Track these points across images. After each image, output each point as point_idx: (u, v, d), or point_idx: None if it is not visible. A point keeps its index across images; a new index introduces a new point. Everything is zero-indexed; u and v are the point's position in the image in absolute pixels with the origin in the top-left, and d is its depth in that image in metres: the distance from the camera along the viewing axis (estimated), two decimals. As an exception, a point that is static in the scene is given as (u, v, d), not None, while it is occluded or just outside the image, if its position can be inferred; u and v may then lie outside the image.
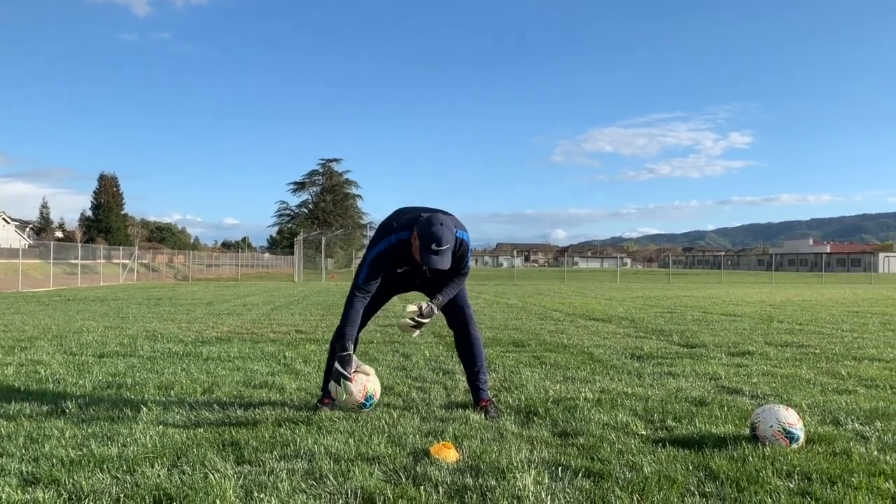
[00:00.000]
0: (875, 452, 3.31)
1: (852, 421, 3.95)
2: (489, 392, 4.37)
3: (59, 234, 78.42)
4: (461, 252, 4.05)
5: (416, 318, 4.03)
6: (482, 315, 11.82)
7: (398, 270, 4.16)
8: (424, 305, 4.04)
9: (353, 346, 3.98)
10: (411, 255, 3.98)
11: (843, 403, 4.44)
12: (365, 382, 3.97)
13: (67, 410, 4.16)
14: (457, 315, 4.36)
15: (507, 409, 4.24)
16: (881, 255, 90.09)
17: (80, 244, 39.20)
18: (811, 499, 2.70)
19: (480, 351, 4.36)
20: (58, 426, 3.78)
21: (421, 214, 3.96)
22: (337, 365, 3.89)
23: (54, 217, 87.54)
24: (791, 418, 3.45)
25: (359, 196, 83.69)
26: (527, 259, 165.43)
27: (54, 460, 3.16)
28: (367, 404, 4.01)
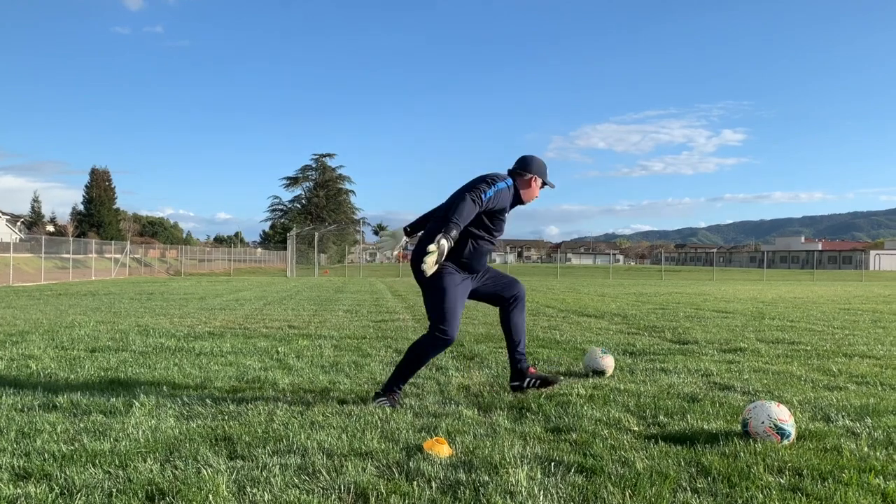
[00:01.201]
0: (865, 449, 3.34)
1: (843, 417, 3.98)
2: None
3: (50, 228, 78.07)
4: None
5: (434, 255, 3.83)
6: (475, 311, 11.83)
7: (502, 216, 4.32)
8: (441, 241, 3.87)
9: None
10: (514, 199, 4.36)
11: (834, 400, 4.47)
12: None
13: (59, 405, 4.15)
14: (513, 284, 4.58)
15: (500, 405, 4.25)
16: (872, 252, 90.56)
17: (71, 238, 39.00)
18: (802, 494, 2.71)
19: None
20: (49, 421, 3.77)
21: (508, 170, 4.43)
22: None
23: (46, 211, 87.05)
24: (782, 414, 3.47)
25: (352, 191, 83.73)
26: (520, 255, 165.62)
27: (46, 455, 3.15)
28: None
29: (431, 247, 3.79)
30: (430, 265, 3.82)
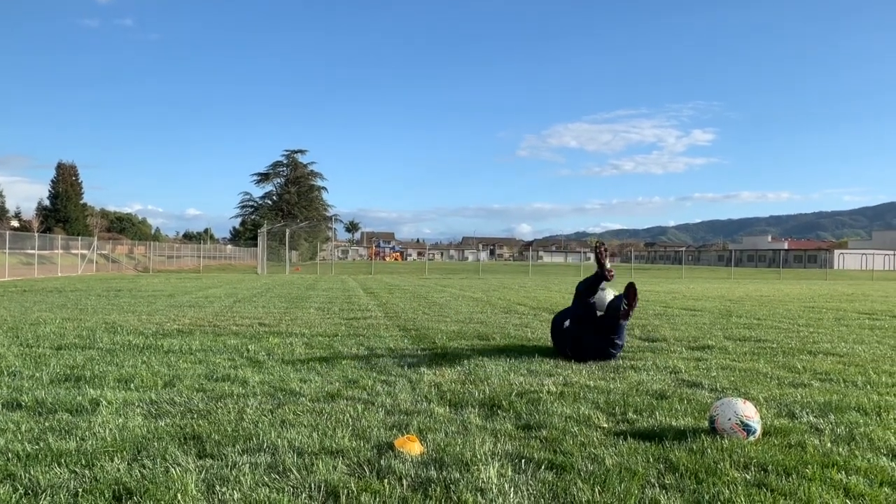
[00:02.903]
0: (828, 444, 3.41)
1: (807, 414, 4.06)
2: None
3: (14, 223, 76.48)
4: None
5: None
6: (447, 309, 11.84)
7: None
8: None
9: None
10: None
11: (799, 397, 4.55)
12: None
13: (24, 403, 4.07)
14: None
15: (471, 403, 4.26)
16: (836, 252, 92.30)
17: (36, 234, 38.27)
18: (767, 490, 2.76)
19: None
20: (14, 420, 3.70)
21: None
22: None
23: (10, 206, 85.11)
24: (748, 411, 3.53)
25: (324, 188, 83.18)
26: (492, 253, 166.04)
27: (10, 454, 3.09)
28: None
29: None
30: None
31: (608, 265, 6.10)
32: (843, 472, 2.98)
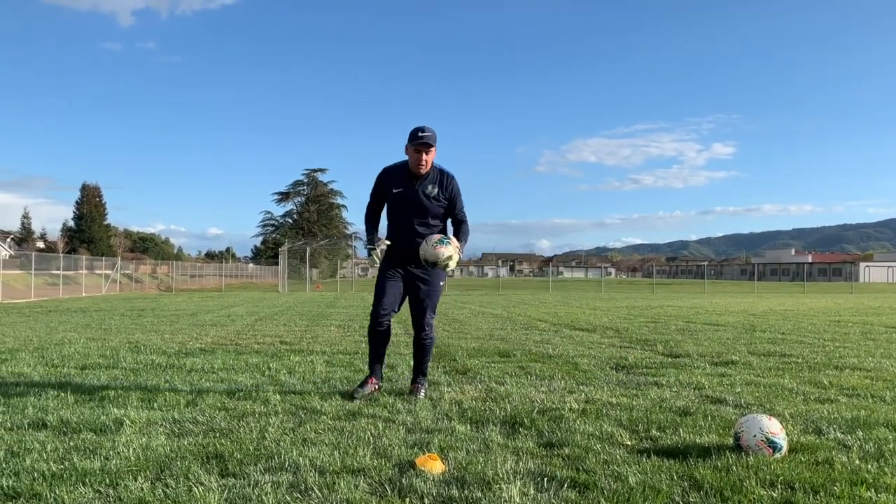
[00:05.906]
0: (857, 461, 3.35)
1: (834, 430, 3.99)
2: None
3: (40, 244, 77.67)
4: (450, 187, 5.02)
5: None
6: (467, 325, 11.82)
7: (394, 190, 5.02)
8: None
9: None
10: (401, 176, 5.00)
11: (825, 412, 4.48)
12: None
13: (49, 423, 4.11)
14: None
15: (493, 420, 4.24)
16: (862, 264, 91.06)
17: (61, 255, 38.81)
18: (794, 508, 2.72)
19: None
20: (39, 439, 3.74)
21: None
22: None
23: (36, 227, 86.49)
24: (774, 428, 3.48)
25: (343, 206, 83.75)
26: (512, 269, 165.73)
27: (35, 474, 3.12)
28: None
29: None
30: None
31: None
32: (873, 490, 2.93)
